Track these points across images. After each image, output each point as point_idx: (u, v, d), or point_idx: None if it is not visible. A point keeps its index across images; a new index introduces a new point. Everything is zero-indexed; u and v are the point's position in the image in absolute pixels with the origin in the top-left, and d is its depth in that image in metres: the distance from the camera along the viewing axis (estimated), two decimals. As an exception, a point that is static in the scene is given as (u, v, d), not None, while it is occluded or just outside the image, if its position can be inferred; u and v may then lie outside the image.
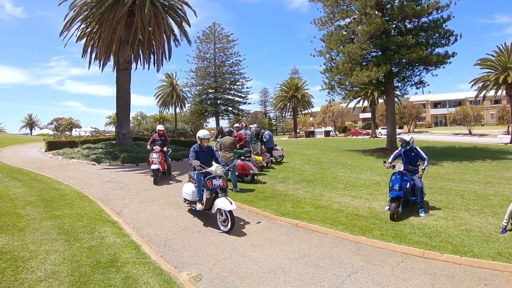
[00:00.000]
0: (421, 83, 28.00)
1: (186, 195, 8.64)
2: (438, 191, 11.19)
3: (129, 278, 5.05)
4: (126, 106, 22.61)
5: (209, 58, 60.91)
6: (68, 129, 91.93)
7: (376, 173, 15.13)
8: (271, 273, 5.43)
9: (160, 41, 22.46)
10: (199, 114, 62.66)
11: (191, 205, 8.61)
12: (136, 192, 11.13)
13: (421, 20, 25.52)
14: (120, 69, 22.04)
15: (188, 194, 8.55)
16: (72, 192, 10.70)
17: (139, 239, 6.84)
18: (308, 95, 68.66)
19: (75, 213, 8.32)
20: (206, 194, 7.74)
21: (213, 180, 7.74)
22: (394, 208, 8.00)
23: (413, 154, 8.83)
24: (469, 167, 18.81)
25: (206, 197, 7.76)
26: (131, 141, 22.92)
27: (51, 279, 4.87)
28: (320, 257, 6.07)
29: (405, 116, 65.80)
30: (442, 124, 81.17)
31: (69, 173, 14.41)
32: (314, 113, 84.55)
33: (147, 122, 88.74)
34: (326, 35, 27.15)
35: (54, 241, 6.35)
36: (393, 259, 5.95)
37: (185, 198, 8.77)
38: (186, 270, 5.50)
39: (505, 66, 36.42)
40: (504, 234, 6.98)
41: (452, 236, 6.98)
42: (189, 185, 8.69)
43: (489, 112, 73.22)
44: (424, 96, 76.38)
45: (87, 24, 22.49)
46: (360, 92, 37.26)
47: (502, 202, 9.52)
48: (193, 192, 8.35)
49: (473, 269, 5.55)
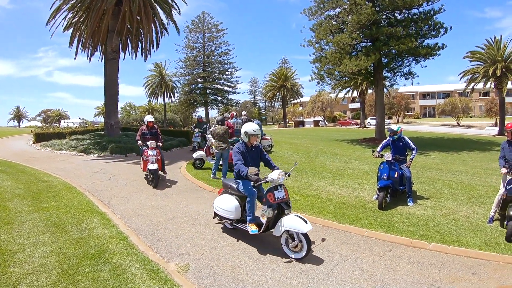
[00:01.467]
0: (410, 74, 28.16)
1: (226, 213, 6.41)
2: (426, 181, 11.29)
3: (116, 269, 5.01)
4: (114, 96, 22.33)
5: (198, 48, 60.39)
6: (57, 121, 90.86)
7: (365, 163, 15.23)
8: (259, 262, 5.43)
9: (148, 30, 22.15)
10: (188, 104, 62.32)
11: (233, 225, 6.47)
12: (125, 182, 11.05)
13: (411, 12, 25.54)
14: (108, 59, 21.72)
15: (228, 212, 6.35)
16: (60, 184, 10.57)
17: (127, 229, 6.79)
18: (297, 85, 68.81)
19: (63, 205, 8.22)
20: (267, 212, 5.72)
21: (275, 192, 5.77)
22: (382, 197, 8.05)
23: (401, 144, 8.86)
24: (457, 157, 19.00)
25: (268, 216, 5.71)
26: (119, 132, 22.72)
27: (39, 272, 4.81)
28: (309, 246, 6.07)
29: (394, 106, 66.16)
30: (431, 115, 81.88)
31: (57, 165, 14.25)
32: (304, 103, 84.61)
33: (136, 112, 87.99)
34: (316, 25, 27.07)
35: (41, 234, 6.27)
36: (381, 248, 5.99)
37: (222, 215, 6.56)
38: (174, 260, 5.48)
39: (494, 59, 36.78)
40: (491, 224, 7.06)
41: (439, 225, 7.05)
42: (227, 199, 6.49)
43: (478, 104, 73.94)
44: (413, 87, 76.83)
45: (74, 13, 22.08)
46: (350, 82, 37.32)
47: (489, 192, 9.64)
48: (236, 208, 6.27)
49: (460, 258, 5.62)
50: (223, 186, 6.85)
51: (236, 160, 6.08)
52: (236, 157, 6.12)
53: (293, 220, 5.50)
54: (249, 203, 6.04)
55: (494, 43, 37.45)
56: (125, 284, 4.61)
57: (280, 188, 5.86)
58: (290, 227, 5.47)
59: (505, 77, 36.19)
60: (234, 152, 6.21)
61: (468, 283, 4.83)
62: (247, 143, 6.35)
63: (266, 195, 5.74)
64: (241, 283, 4.78)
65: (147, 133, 11.37)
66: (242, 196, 6.28)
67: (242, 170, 5.90)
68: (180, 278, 4.85)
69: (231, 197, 6.46)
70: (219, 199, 6.66)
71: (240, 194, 6.29)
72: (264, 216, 5.76)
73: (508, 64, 36.06)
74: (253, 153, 6.44)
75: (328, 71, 27.69)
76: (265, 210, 5.75)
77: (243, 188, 6.15)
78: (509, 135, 6.98)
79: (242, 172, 5.90)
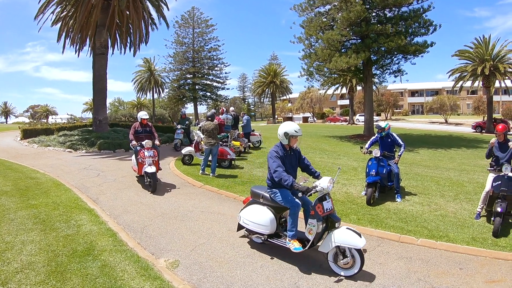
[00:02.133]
0: (399, 72, 28.46)
1: (258, 227, 5.51)
2: (414, 177, 11.41)
3: (106, 266, 4.98)
4: (103, 92, 22.12)
5: (187, 43, 60.02)
6: (44, 117, 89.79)
7: (353, 159, 15.33)
8: (248, 258, 5.45)
9: (137, 25, 21.94)
10: (177, 99, 61.93)
11: (268, 240, 5.57)
12: (113, 178, 10.97)
13: (401, 9, 25.74)
14: (96, 54, 21.51)
15: (261, 225, 5.46)
16: (48, 181, 10.45)
17: (116, 226, 6.74)
18: (286, 81, 68.68)
19: (51, 202, 8.13)
20: (316, 226, 4.97)
21: (324, 203, 5.06)
22: (370, 193, 8.13)
23: (389, 140, 8.94)
24: (444, 154, 19.21)
25: (316, 231, 4.97)
26: (108, 128, 22.53)
27: (28, 270, 4.76)
28: (298, 242, 6.10)
29: (382, 103, 66.52)
30: (419, 113, 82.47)
31: (45, 161, 14.09)
32: (293, 99, 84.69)
33: (125, 108, 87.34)
34: (305, 22, 27.15)
35: (30, 231, 6.20)
36: (370, 243, 6.04)
37: (252, 230, 5.66)
38: (163, 257, 5.46)
39: (482, 58, 37.15)
40: (478, 220, 7.18)
41: (427, 221, 7.14)
42: (259, 210, 5.62)
43: (465, 102, 74.71)
44: (401, 85, 77.31)
45: (62, 7, 21.83)
46: (339, 79, 37.58)
47: (477, 188, 9.78)
48: (272, 221, 5.43)
49: (448, 253, 5.70)
50: (252, 195, 5.96)
51: (276, 167, 5.17)
52: (275, 162, 5.22)
53: (346, 234, 4.84)
54: (292, 217, 5.23)
55: (483, 42, 37.82)
56: (115, 281, 4.58)
57: (327, 197, 5.16)
58: (343, 242, 4.79)
59: (493, 76, 36.56)
60: (272, 157, 5.31)
61: (455, 278, 4.90)
62: (286, 145, 5.50)
63: (315, 207, 5.01)
64: (230, 279, 4.79)
65: (141, 131, 10.23)
66: (278, 207, 5.51)
67: (286, 179, 5.01)
68: (170, 275, 4.84)
69: (263, 208, 5.61)
70: (247, 210, 5.78)
71: (276, 205, 5.50)
72: (312, 231, 5.01)
73: (496, 63, 36.44)
74: (292, 158, 5.63)
75: (318, 68, 27.81)
76: (313, 224, 5.00)
77: (282, 198, 5.33)
78: (500, 137, 7.11)
79: (286, 181, 5.00)
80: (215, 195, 9.21)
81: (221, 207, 8.12)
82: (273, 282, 4.73)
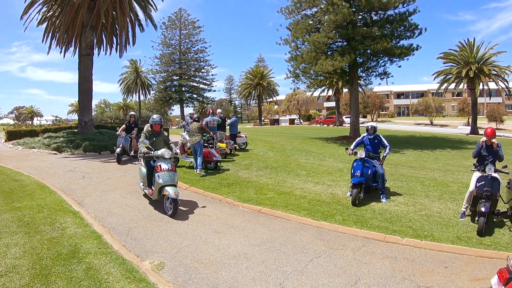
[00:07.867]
0: (385, 74, 28.69)
1: None
2: (399, 177, 11.53)
3: (90, 268, 4.95)
4: (88, 93, 21.81)
5: (174, 45, 60.04)
6: (29, 118, 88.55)
7: (339, 160, 15.42)
8: (233, 259, 5.45)
9: (124, 25, 21.72)
10: (163, 101, 61.88)
11: None
12: (98, 181, 10.88)
13: (387, 13, 25.97)
14: (82, 55, 21.21)
15: None
16: (32, 183, 10.33)
17: (100, 228, 6.70)
18: (273, 83, 68.95)
19: (36, 205, 8.05)
20: None
21: None
22: (355, 194, 8.19)
23: (376, 141, 9.04)
24: (429, 155, 19.42)
25: None
26: (93, 129, 22.25)
27: (12, 274, 4.71)
28: (283, 242, 6.14)
29: (368, 105, 67.08)
30: (405, 114, 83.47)
31: (30, 163, 13.89)
32: (279, 101, 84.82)
33: (111, 109, 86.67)
34: (292, 24, 27.22)
35: (14, 234, 6.14)
36: (355, 244, 6.10)
37: None
38: (148, 259, 5.44)
39: (467, 60, 37.69)
40: (463, 219, 7.29)
41: (412, 221, 7.22)
42: None
43: (450, 104, 75.90)
44: (387, 87, 78.34)
45: (48, 7, 21.50)
46: (325, 81, 37.81)
47: (461, 188, 9.91)
48: None
49: (433, 253, 5.77)
50: None
51: None
52: None
53: None
54: None
55: (467, 45, 38.37)
56: (100, 284, 4.56)
57: None
58: None
59: (477, 78, 37.10)
60: None
61: (441, 277, 4.97)
62: None
63: None
64: (216, 281, 4.80)
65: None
66: None
67: None
68: (155, 277, 4.83)
69: None
70: None
71: None
72: None
73: (481, 66, 37.03)
74: None
75: (304, 70, 27.87)
76: None
77: None
78: (488, 141, 7.25)
79: None
80: (200, 197, 9.20)
81: (207, 209, 8.11)
82: (258, 283, 4.75)
